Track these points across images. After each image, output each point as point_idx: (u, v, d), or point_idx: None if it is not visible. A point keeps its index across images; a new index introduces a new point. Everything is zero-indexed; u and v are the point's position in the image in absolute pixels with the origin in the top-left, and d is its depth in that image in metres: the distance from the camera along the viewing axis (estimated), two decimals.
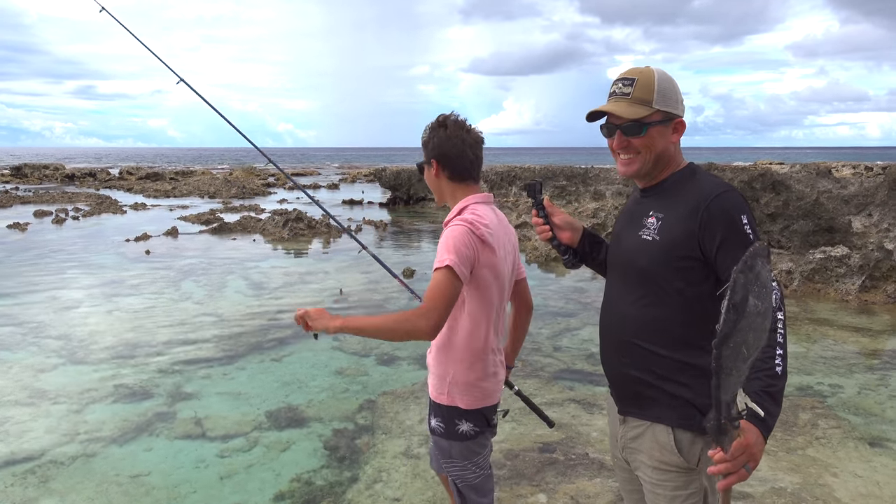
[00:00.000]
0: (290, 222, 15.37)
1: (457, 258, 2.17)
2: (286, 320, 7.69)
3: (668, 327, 1.91)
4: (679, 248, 1.87)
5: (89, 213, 19.34)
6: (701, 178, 1.94)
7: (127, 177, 38.25)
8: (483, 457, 2.51)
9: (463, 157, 2.38)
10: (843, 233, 10.46)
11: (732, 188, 1.88)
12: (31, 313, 8.01)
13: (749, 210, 1.84)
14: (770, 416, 1.65)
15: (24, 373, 5.90)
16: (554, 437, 4.48)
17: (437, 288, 2.15)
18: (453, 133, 2.37)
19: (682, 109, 1.96)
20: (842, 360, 6.20)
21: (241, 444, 4.52)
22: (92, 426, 4.80)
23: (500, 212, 2.49)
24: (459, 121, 2.42)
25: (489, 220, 2.34)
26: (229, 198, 25.65)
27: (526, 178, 20.81)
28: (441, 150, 2.38)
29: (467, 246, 2.21)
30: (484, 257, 2.27)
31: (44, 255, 12.40)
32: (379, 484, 3.94)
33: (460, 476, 2.50)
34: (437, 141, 2.38)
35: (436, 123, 2.42)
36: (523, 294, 2.67)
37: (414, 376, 5.81)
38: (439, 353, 2.43)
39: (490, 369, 2.43)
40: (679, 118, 1.95)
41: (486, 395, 2.42)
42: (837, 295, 8.66)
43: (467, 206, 2.37)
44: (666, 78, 1.94)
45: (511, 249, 2.47)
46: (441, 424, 2.44)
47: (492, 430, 2.52)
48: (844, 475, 3.98)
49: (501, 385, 2.51)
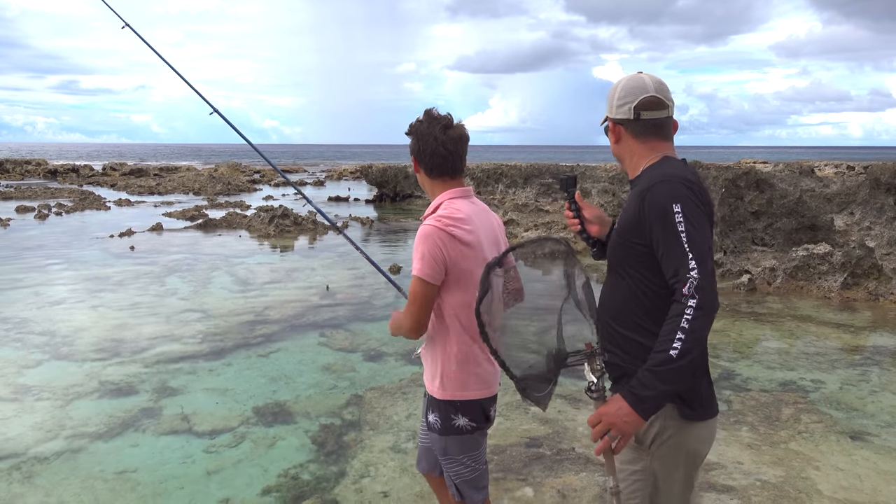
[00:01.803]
0: (276, 219, 15.31)
1: (423, 266, 2.30)
2: (273, 316, 7.67)
3: (630, 309, 2.04)
4: (629, 234, 2.00)
5: (72, 209, 19.16)
6: (654, 168, 2.05)
7: (111, 173, 37.90)
8: (479, 453, 2.52)
9: (436, 153, 2.41)
10: (825, 231, 10.58)
11: (671, 178, 1.95)
12: (15, 309, 7.93)
13: (687, 199, 1.90)
14: (641, 387, 1.81)
15: (7, 369, 5.85)
16: (540, 432, 4.51)
17: (412, 294, 2.36)
18: (428, 131, 2.41)
19: (618, 112, 2.11)
20: (824, 356, 6.27)
21: (228, 439, 4.51)
22: (77, 422, 4.77)
23: (479, 202, 2.53)
24: (439, 117, 2.44)
25: (465, 214, 2.38)
26: (214, 194, 25.50)
27: (513, 174, 20.85)
28: (417, 148, 2.44)
29: (434, 248, 2.30)
30: (456, 253, 2.32)
31: (26, 250, 12.28)
32: (366, 479, 3.94)
33: (458, 472, 2.50)
34: (415, 138, 2.45)
35: (416, 121, 2.46)
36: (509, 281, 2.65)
37: (401, 372, 5.81)
38: (431, 348, 2.45)
39: (483, 361, 2.44)
40: (610, 119, 2.15)
41: (481, 387, 2.43)
42: (820, 292, 8.76)
43: (442, 203, 2.42)
44: (615, 84, 2.15)
45: (494, 238, 2.49)
46: (438, 419, 2.45)
47: (488, 426, 2.53)
48: (826, 468, 4.04)
49: (497, 376, 2.51)
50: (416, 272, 2.31)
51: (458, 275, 2.34)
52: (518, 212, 15.73)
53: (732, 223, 10.69)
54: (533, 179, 20.15)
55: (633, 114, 2.07)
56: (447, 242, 2.31)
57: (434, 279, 2.31)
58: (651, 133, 2.08)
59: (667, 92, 2.09)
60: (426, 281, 2.31)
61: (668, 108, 2.09)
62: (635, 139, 2.10)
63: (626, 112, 2.08)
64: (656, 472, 2.02)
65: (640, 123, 2.08)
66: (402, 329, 2.42)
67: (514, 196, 19.34)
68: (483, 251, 2.39)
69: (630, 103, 2.07)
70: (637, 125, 2.08)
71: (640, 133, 2.09)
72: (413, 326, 2.37)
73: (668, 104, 2.09)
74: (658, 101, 2.07)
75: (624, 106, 2.09)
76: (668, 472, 2.03)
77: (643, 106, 2.06)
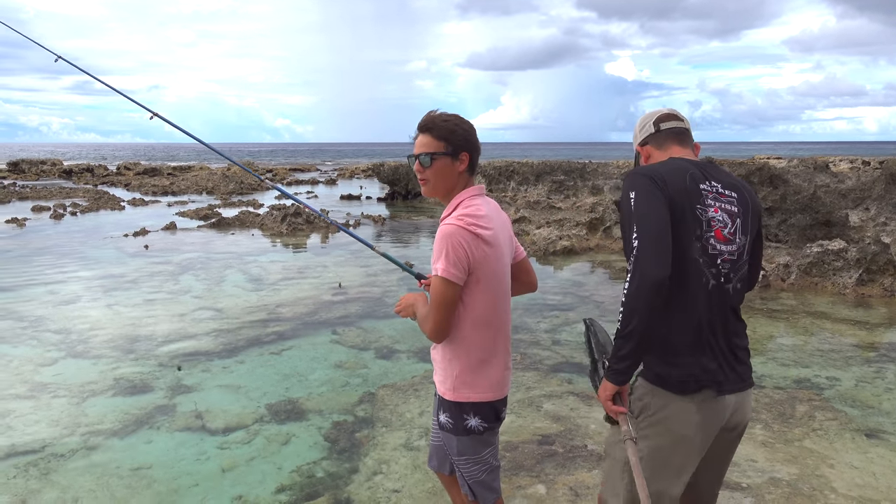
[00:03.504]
0: (289, 217, 15.37)
1: (447, 265, 2.22)
2: (285, 314, 7.71)
3: None
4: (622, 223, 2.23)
5: (87, 209, 19.32)
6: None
7: (125, 172, 38.18)
8: (490, 453, 2.51)
9: (478, 151, 2.43)
10: (840, 226, 10.49)
11: (639, 169, 2.21)
12: (31, 307, 8.02)
13: (642, 187, 2.11)
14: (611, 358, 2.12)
15: (24, 366, 5.92)
16: (553, 430, 4.51)
17: (434, 297, 2.28)
18: (470, 128, 2.39)
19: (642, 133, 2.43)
20: (839, 353, 6.23)
21: (241, 436, 4.54)
22: (93, 419, 4.81)
23: (491, 200, 2.50)
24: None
25: (485, 212, 2.34)
26: (227, 193, 25.63)
27: (525, 171, 20.81)
28: (472, 143, 2.39)
29: (458, 247, 2.23)
30: (480, 253, 2.27)
31: (42, 249, 12.40)
32: (379, 476, 3.96)
33: (471, 472, 2.49)
34: (465, 134, 2.37)
35: (455, 116, 2.41)
36: (522, 273, 2.61)
37: (413, 369, 5.83)
38: (444, 348, 2.41)
39: (503, 362, 2.44)
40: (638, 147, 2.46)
41: (494, 388, 2.42)
42: (835, 288, 8.69)
43: (462, 202, 2.36)
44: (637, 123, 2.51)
45: (507, 235, 2.48)
46: (450, 420, 2.44)
47: (499, 425, 2.53)
48: (841, 466, 4.01)
49: (509, 379, 2.51)
50: (441, 272, 2.23)
51: (481, 275, 2.29)
52: (530, 209, 15.70)
53: None
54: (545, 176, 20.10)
55: (654, 127, 2.38)
56: (471, 242, 2.25)
57: (458, 279, 2.24)
58: (671, 141, 2.35)
59: (678, 112, 2.42)
60: (450, 281, 2.23)
61: (684, 122, 2.39)
62: (659, 150, 2.36)
63: (649, 129, 2.39)
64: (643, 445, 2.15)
65: (662, 134, 2.36)
66: (425, 331, 2.35)
67: (525, 193, 19.30)
68: (503, 249, 2.38)
69: (650, 122, 2.41)
70: (659, 136, 2.36)
71: (662, 142, 2.36)
72: (436, 329, 2.31)
73: (682, 118, 2.39)
74: (673, 115, 2.39)
75: (646, 126, 2.41)
76: (651, 444, 2.16)
77: (661, 119, 2.38)
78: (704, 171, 2.21)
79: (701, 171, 2.21)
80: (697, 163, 2.24)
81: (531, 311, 7.26)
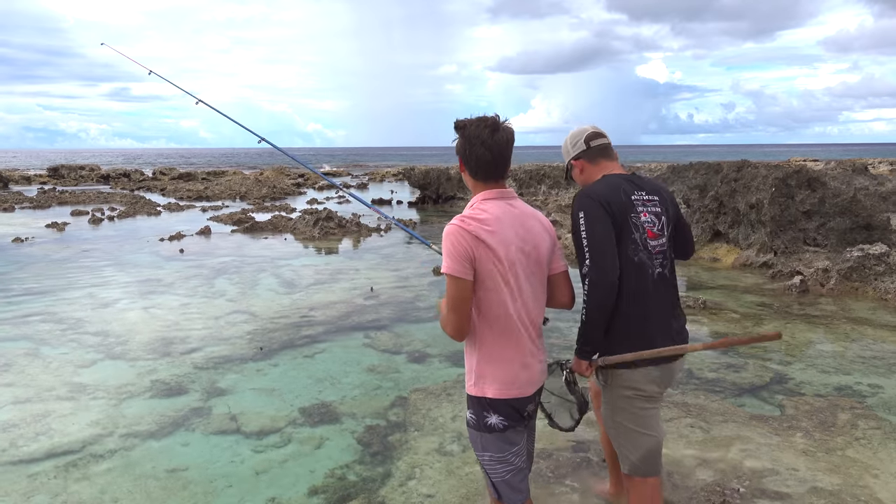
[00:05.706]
0: (321, 221, 15.48)
1: (450, 262, 2.32)
2: (318, 317, 7.75)
3: None
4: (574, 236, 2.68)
5: (125, 214, 19.70)
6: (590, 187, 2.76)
7: (160, 177, 38.87)
8: (514, 453, 2.50)
9: (482, 157, 2.41)
10: (881, 230, 10.23)
11: (585, 191, 2.69)
12: (70, 310, 8.18)
13: (589, 208, 2.62)
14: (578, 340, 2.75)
15: (64, 368, 6.04)
16: (588, 436, 4.45)
17: (446, 296, 2.39)
18: (476, 133, 2.41)
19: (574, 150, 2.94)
20: (881, 360, 6.06)
21: (275, 439, 4.57)
22: (130, 420, 4.89)
23: (521, 204, 2.50)
24: (486, 119, 2.42)
25: (490, 215, 2.37)
26: (260, 198, 25.92)
27: (556, 175, 20.70)
28: (464, 150, 2.45)
29: (457, 243, 2.33)
30: (480, 252, 2.33)
31: (81, 253, 12.66)
32: (412, 481, 3.95)
33: (493, 470, 2.51)
34: (462, 139, 2.45)
35: (463, 122, 2.46)
36: (553, 288, 2.60)
37: (445, 374, 5.81)
38: (467, 345, 2.49)
39: (517, 360, 2.43)
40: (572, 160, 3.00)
41: (510, 386, 2.42)
42: (876, 294, 8.47)
43: (474, 204, 2.45)
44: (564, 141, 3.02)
45: (521, 239, 2.43)
46: (473, 416, 2.49)
47: (524, 424, 2.51)
48: (886, 476, 3.90)
49: (535, 377, 2.49)
50: (444, 269, 2.33)
51: (484, 275, 2.35)
52: (561, 213, 15.61)
53: (783, 223, 10.42)
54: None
55: (586, 144, 2.88)
56: (469, 240, 2.32)
57: (462, 273, 2.31)
58: (600, 156, 2.89)
59: (602, 130, 2.91)
60: (456, 277, 2.31)
61: (607, 139, 2.90)
62: (591, 164, 2.89)
63: (581, 146, 2.90)
64: (609, 401, 2.88)
65: (593, 150, 2.88)
66: (443, 329, 2.44)
67: (556, 197, 19.20)
68: (503, 254, 2.36)
69: (580, 139, 2.91)
70: (591, 152, 2.88)
71: (594, 157, 2.88)
72: (455, 327, 2.38)
73: (605, 135, 2.90)
74: (599, 133, 2.90)
75: (578, 143, 2.91)
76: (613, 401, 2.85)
77: (590, 138, 2.89)
78: (632, 183, 2.76)
79: (630, 183, 2.75)
80: (626, 176, 2.79)
81: (563, 316, 7.19)
